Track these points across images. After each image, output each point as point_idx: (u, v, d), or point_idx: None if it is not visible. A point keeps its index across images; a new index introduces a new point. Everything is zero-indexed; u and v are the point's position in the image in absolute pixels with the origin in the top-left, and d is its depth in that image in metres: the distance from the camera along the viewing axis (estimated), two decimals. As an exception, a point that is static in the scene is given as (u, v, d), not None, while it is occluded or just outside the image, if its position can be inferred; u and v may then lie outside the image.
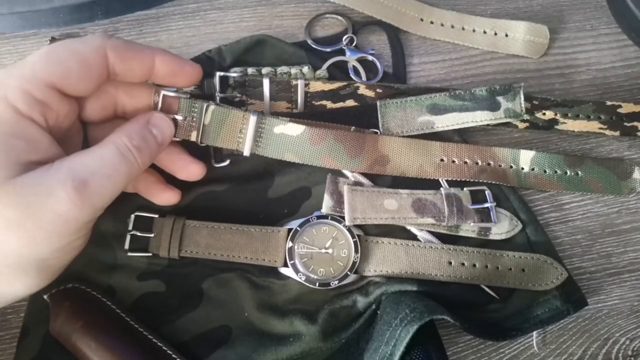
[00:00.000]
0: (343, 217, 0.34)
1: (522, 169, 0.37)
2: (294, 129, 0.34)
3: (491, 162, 0.37)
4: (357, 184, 0.35)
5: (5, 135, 0.26)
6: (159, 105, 0.32)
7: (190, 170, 0.34)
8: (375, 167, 0.35)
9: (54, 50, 0.28)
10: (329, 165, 0.35)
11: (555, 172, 0.37)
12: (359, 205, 0.34)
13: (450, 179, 0.36)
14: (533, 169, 0.37)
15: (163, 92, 0.32)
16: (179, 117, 0.32)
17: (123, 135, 0.29)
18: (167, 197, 0.34)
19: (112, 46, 0.29)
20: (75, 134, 0.32)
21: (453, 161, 0.36)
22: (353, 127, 0.35)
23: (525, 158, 0.37)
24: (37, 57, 0.28)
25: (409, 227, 0.35)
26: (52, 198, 0.26)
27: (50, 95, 0.27)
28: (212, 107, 0.33)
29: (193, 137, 0.33)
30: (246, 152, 0.34)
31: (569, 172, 0.37)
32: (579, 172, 0.37)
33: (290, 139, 0.34)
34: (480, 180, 0.36)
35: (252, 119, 0.33)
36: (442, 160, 0.36)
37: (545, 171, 0.37)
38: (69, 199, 0.26)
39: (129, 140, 0.29)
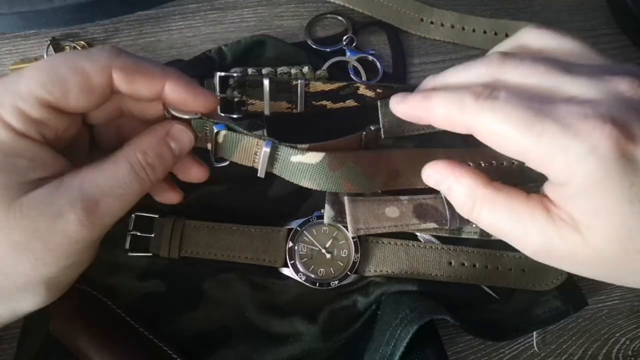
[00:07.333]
0: (346, 227, 0.33)
1: (524, 163, 0.37)
2: (312, 158, 0.32)
3: (494, 162, 0.37)
4: (357, 193, 0.35)
5: (5, 156, 0.25)
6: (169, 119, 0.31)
7: (193, 173, 0.33)
8: (390, 183, 0.34)
9: (54, 65, 0.26)
10: (350, 190, 0.33)
11: None
12: (361, 215, 0.33)
13: None
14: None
15: (172, 112, 0.30)
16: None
17: (138, 151, 0.28)
18: (170, 196, 0.33)
19: (119, 66, 0.26)
20: (82, 137, 0.31)
21: None
22: (364, 132, 0.34)
23: None
24: (35, 71, 0.26)
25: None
26: (61, 220, 0.25)
27: (46, 113, 0.26)
28: (223, 132, 0.31)
29: (209, 147, 0.32)
30: (260, 174, 0.33)
31: None
32: None
33: (308, 167, 0.32)
34: None
35: (265, 151, 0.31)
36: None
37: None
38: (78, 220, 0.25)
39: (144, 157, 0.28)
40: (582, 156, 0.23)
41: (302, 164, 0.32)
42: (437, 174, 0.29)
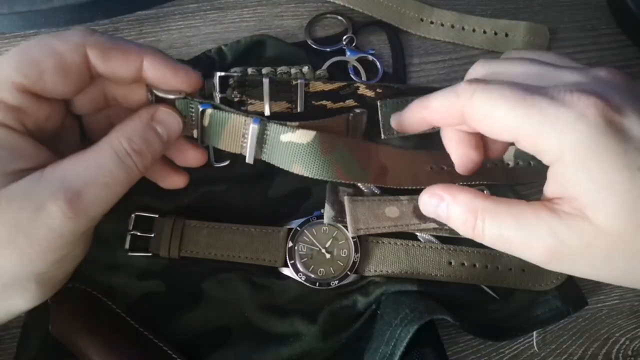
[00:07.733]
0: (346, 227, 0.33)
1: (508, 164, 0.37)
2: (303, 136, 0.30)
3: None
4: (357, 193, 0.35)
5: None
6: (153, 103, 0.30)
7: (190, 156, 0.32)
8: (380, 179, 0.34)
9: (27, 49, 0.25)
10: (342, 178, 0.32)
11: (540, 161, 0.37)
12: (361, 215, 0.33)
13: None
14: (518, 163, 0.37)
15: (156, 93, 0.29)
16: None
17: (122, 137, 0.27)
18: (175, 180, 0.32)
19: (93, 44, 0.26)
20: (69, 128, 0.30)
21: (442, 168, 0.36)
22: (351, 114, 0.33)
23: (508, 154, 0.36)
24: (8, 57, 0.25)
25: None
26: (43, 213, 0.24)
27: (23, 100, 0.25)
28: (209, 111, 0.30)
29: (195, 134, 0.32)
30: (249, 160, 0.32)
31: None
32: None
33: (299, 147, 0.31)
34: (473, 183, 0.36)
35: (254, 128, 0.30)
36: (431, 168, 0.36)
37: (530, 163, 0.37)
38: (61, 212, 0.24)
39: (129, 143, 0.27)
40: (571, 123, 0.23)
41: (293, 145, 0.30)
42: (433, 198, 0.29)
